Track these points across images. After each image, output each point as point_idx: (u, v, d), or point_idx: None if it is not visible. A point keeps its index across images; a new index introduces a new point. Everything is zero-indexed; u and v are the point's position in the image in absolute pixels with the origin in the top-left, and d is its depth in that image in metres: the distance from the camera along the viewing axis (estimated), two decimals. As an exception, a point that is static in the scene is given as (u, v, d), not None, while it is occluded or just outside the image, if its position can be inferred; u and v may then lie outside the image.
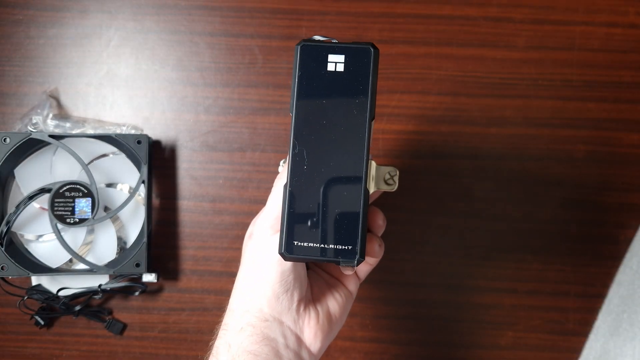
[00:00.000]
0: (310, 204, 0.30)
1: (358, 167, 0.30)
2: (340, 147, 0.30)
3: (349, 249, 0.30)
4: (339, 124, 0.30)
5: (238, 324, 0.36)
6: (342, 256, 0.30)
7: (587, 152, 0.55)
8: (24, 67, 0.56)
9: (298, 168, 0.30)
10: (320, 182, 0.30)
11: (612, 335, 0.54)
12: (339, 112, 0.30)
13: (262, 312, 0.36)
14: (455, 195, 0.55)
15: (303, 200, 0.30)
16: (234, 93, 0.56)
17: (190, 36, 0.56)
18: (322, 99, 0.30)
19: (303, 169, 0.30)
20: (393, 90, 0.55)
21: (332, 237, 0.30)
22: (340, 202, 0.30)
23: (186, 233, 0.55)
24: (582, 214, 0.55)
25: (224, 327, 0.37)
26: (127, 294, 0.54)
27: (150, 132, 0.55)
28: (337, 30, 0.55)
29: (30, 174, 0.52)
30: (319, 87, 0.30)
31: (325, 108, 0.30)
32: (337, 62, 0.30)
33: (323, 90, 0.30)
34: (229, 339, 0.36)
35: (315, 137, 0.30)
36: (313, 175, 0.30)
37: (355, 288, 0.41)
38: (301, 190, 0.30)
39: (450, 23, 0.56)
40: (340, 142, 0.30)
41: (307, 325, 0.37)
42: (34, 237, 0.53)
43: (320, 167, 0.30)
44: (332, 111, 0.30)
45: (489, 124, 0.55)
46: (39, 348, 0.54)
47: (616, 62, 0.55)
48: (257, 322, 0.36)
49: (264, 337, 0.35)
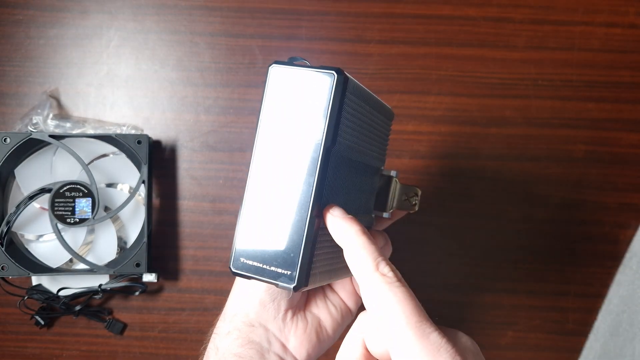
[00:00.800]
0: (260, 224, 0.30)
1: (307, 194, 0.29)
2: (294, 172, 0.30)
3: (287, 274, 0.30)
4: (298, 148, 0.30)
5: (226, 328, 0.37)
6: (281, 280, 0.30)
7: (587, 152, 0.55)
8: (24, 67, 0.56)
9: (255, 187, 0.30)
10: (273, 204, 0.30)
11: (612, 336, 0.54)
12: (298, 137, 0.30)
13: (249, 317, 0.37)
14: (455, 195, 0.55)
15: (254, 219, 0.30)
16: (234, 93, 0.56)
17: (191, 36, 0.56)
18: (286, 121, 0.30)
19: (259, 188, 0.30)
20: (393, 90, 0.55)
21: (274, 259, 0.30)
22: (287, 227, 0.30)
23: (186, 233, 0.55)
24: (582, 214, 0.55)
25: (215, 331, 0.38)
26: (127, 294, 0.54)
27: (151, 132, 0.55)
28: (337, 30, 0.56)
29: (30, 174, 0.52)
30: (284, 110, 0.30)
31: (287, 130, 0.30)
32: (302, 85, 0.30)
33: (287, 113, 0.30)
34: (218, 342, 0.37)
35: (274, 158, 0.30)
36: (267, 196, 0.30)
37: (355, 306, 0.41)
38: (254, 209, 0.30)
39: (450, 23, 0.56)
40: (294, 167, 0.30)
41: (293, 334, 0.38)
42: (34, 237, 0.53)
43: (274, 189, 0.30)
44: (292, 134, 0.30)
45: (488, 124, 0.55)
46: (39, 348, 0.54)
47: (616, 62, 0.55)
48: (243, 327, 0.37)
49: (249, 341, 0.36)
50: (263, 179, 0.30)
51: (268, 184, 0.30)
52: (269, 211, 0.30)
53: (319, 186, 0.29)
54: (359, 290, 0.41)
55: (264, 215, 0.30)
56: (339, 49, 0.55)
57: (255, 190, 0.30)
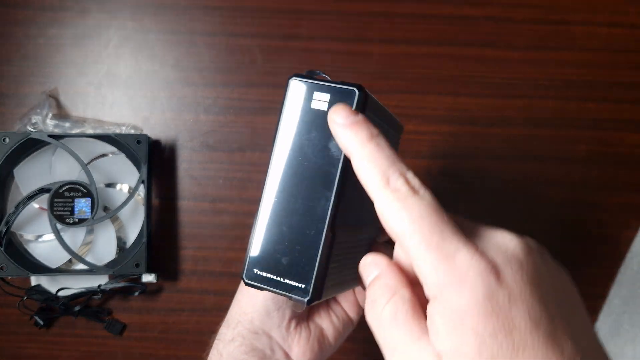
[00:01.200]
0: (275, 236, 0.30)
1: (324, 209, 0.29)
2: (312, 186, 0.30)
3: (301, 287, 0.30)
4: (315, 163, 0.30)
5: (230, 334, 0.37)
6: (294, 293, 0.30)
7: (587, 152, 0.55)
8: (23, 67, 0.55)
9: (270, 199, 0.30)
10: (288, 217, 0.30)
11: (613, 336, 0.54)
12: (316, 151, 0.30)
13: (253, 324, 0.37)
14: (455, 195, 0.55)
15: (270, 231, 0.30)
16: (234, 93, 0.55)
17: (190, 36, 0.56)
18: (303, 135, 0.30)
19: (275, 200, 0.30)
20: (393, 90, 0.55)
21: (288, 272, 0.30)
22: (303, 240, 0.30)
23: (186, 233, 0.55)
24: (583, 214, 0.55)
25: (218, 337, 0.38)
26: (127, 295, 0.54)
27: (150, 132, 0.55)
28: (337, 30, 0.55)
29: (29, 174, 0.52)
30: (302, 123, 0.30)
31: (304, 145, 0.30)
32: (321, 100, 0.30)
33: (305, 127, 0.30)
34: (221, 348, 0.37)
35: (291, 171, 0.30)
36: (283, 209, 0.30)
37: (357, 316, 0.41)
38: (270, 221, 0.30)
39: (451, 23, 0.56)
40: (312, 181, 0.30)
41: (296, 343, 0.38)
42: (33, 237, 0.53)
43: (290, 203, 0.30)
44: (310, 149, 0.30)
45: (489, 124, 0.55)
46: (38, 348, 0.54)
47: (617, 62, 0.55)
48: (247, 334, 0.37)
49: (253, 348, 0.36)
50: (279, 191, 0.30)
51: (284, 196, 0.30)
52: (284, 223, 0.30)
53: (336, 201, 0.29)
54: (362, 301, 0.41)
55: (279, 227, 0.30)
56: (339, 48, 0.55)
57: (271, 202, 0.30)
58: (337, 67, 0.55)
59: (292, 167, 0.30)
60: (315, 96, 0.30)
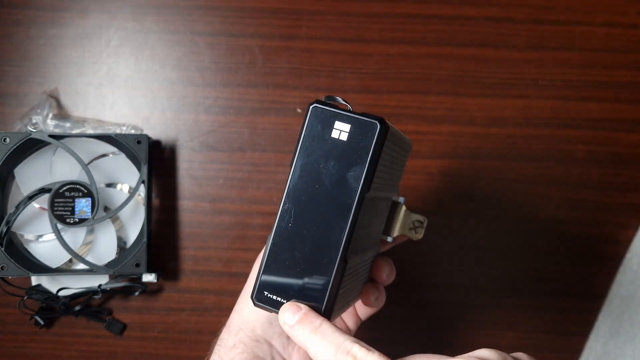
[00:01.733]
0: (287, 261, 0.30)
1: (338, 239, 0.30)
2: (327, 215, 0.30)
3: None
4: (331, 192, 0.30)
5: (232, 341, 0.38)
6: None
7: (587, 152, 0.55)
8: (24, 67, 0.55)
9: (283, 224, 0.30)
10: (301, 243, 0.30)
11: (613, 336, 0.54)
12: (333, 180, 0.30)
13: (254, 332, 0.37)
14: (455, 195, 0.55)
15: (282, 255, 0.30)
16: (234, 93, 0.56)
17: (190, 36, 0.56)
18: (321, 163, 0.30)
19: (288, 226, 0.30)
20: (393, 90, 0.55)
21: (299, 297, 0.30)
22: (315, 267, 0.30)
23: (186, 233, 0.55)
24: (582, 214, 0.55)
25: (219, 343, 0.39)
26: (127, 294, 0.54)
27: (150, 132, 0.55)
28: (337, 30, 0.55)
29: (30, 174, 0.52)
30: (320, 151, 0.30)
31: (321, 172, 0.30)
32: (342, 130, 0.30)
33: (323, 155, 0.30)
34: (222, 354, 0.38)
35: (307, 198, 0.30)
36: (296, 235, 0.30)
37: (355, 326, 0.42)
38: (282, 245, 0.30)
39: (451, 23, 0.56)
40: (327, 210, 0.30)
41: (296, 352, 0.38)
42: (33, 237, 0.53)
43: (304, 229, 0.30)
44: (327, 177, 0.30)
45: (489, 124, 0.55)
46: (38, 348, 0.54)
47: (616, 62, 0.55)
48: (249, 341, 0.37)
49: (254, 356, 0.37)
50: (294, 216, 0.30)
51: (298, 222, 0.30)
52: (297, 249, 0.30)
53: (350, 232, 0.30)
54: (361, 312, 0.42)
55: (291, 252, 0.30)
56: (339, 48, 0.55)
57: (285, 227, 0.30)
58: (337, 67, 0.55)
59: (308, 193, 0.30)
60: (336, 125, 0.30)
